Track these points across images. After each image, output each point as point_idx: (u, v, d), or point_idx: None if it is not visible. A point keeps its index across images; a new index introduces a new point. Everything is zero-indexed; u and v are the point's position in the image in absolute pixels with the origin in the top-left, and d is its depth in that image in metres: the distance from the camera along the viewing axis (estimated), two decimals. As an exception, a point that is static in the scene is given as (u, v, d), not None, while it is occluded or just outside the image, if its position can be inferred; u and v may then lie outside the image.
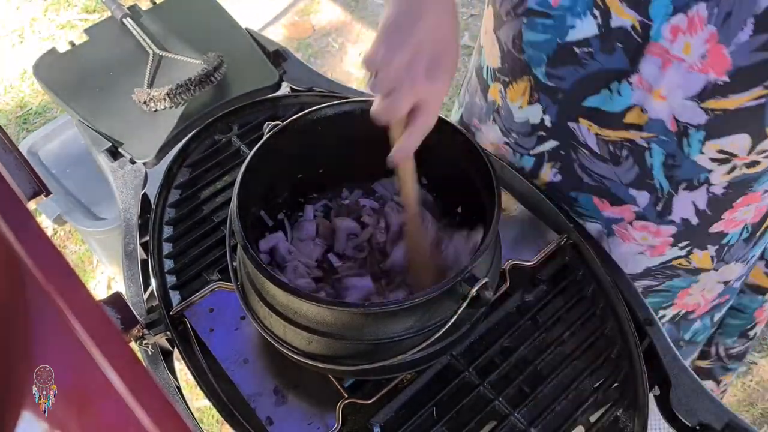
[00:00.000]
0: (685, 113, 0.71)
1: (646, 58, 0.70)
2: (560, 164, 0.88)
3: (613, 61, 0.72)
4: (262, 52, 1.09)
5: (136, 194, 0.94)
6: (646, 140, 0.77)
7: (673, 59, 0.68)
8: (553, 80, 0.79)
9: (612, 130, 0.78)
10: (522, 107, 0.86)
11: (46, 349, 0.39)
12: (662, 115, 0.73)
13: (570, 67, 0.76)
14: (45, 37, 2.41)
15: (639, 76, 0.71)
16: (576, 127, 0.82)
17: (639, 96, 0.73)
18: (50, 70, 1.08)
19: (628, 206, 0.86)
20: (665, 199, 0.83)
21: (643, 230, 0.88)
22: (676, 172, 0.79)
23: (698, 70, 0.67)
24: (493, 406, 0.74)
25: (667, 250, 0.90)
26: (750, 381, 1.61)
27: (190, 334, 0.79)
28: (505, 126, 0.91)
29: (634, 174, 0.82)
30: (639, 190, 0.84)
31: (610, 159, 0.82)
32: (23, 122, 2.17)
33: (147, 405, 0.33)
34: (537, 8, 0.74)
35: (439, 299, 0.63)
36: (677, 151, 0.76)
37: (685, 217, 0.85)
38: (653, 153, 0.78)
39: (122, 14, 1.12)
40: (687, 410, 0.73)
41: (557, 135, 0.85)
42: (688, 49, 0.66)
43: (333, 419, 0.71)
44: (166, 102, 0.99)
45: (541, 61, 0.78)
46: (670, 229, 0.87)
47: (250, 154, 0.70)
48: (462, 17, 2.40)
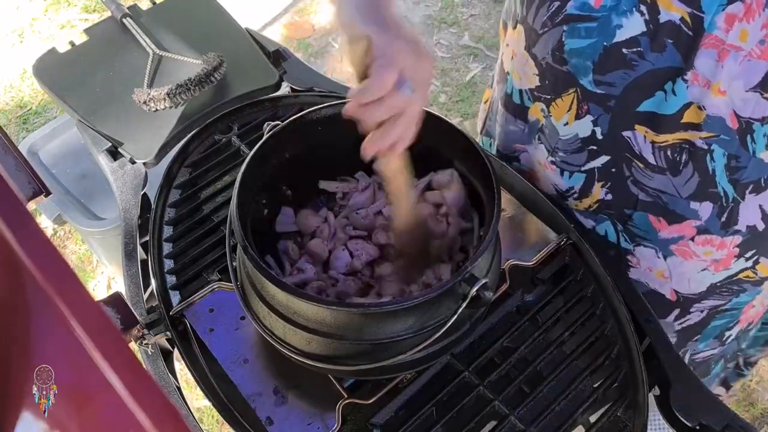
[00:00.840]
0: (746, 107, 0.68)
1: (701, 52, 0.66)
2: (611, 183, 0.84)
3: (665, 59, 0.69)
4: (262, 52, 1.09)
5: (136, 194, 0.94)
6: (706, 141, 0.73)
7: (731, 49, 0.64)
8: (602, 87, 0.75)
9: (669, 133, 0.74)
10: (569, 123, 0.81)
11: (46, 349, 0.39)
12: (722, 112, 0.69)
13: (620, 71, 0.72)
14: (45, 37, 2.41)
15: (694, 72, 0.68)
16: (631, 135, 0.77)
17: (696, 93, 0.69)
18: (50, 70, 1.08)
19: (689, 222, 0.82)
20: (731, 207, 0.78)
21: (706, 245, 0.83)
22: (741, 174, 0.75)
23: (758, 57, 0.64)
24: (493, 406, 0.74)
25: (733, 262, 0.86)
26: (750, 381, 1.61)
27: (190, 334, 0.79)
28: (550, 145, 0.87)
29: (695, 183, 0.78)
30: (701, 202, 0.79)
31: (668, 168, 0.77)
32: (23, 122, 2.17)
33: (147, 405, 0.33)
34: (578, 12, 0.71)
35: (438, 299, 0.63)
36: (740, 150, 0.72)
37: (751, 224, 0.80)
38: (715, 156, 0.74)
39: (122, 14, 1.12)
40: (687, 410, 0.73)
41: (610, 148, 0.81)
42: (745, 36, 0.63)
43: (333, 419, 0.71)
44: (166, 102, 0.99)
45: (587, 69, 0.74)
46: (735, 239, 0.82)
47: (250, 154, 0.70)
48: (462, 17, 2.40)
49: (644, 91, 0.72)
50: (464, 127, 2.03)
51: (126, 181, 0.95)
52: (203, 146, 0.99)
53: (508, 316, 0.81)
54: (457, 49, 2.32)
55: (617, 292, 0.81)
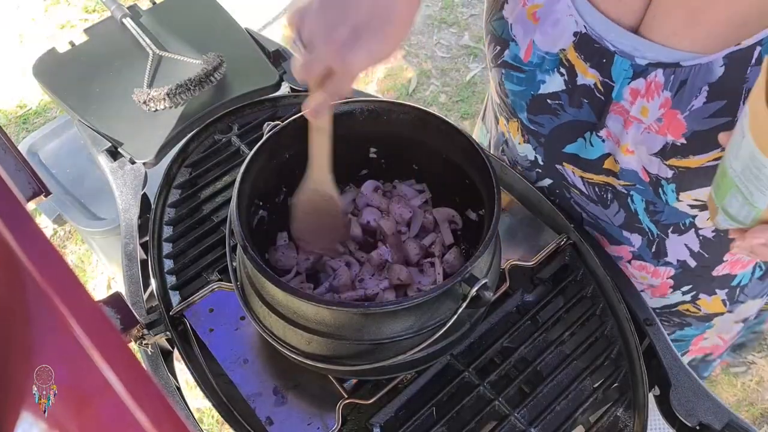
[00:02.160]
0: (652, 167, 0.72)
1: (611, 116, 0.71)
2: (559, 201, 0.89)
3: (583, 114, 0.74)
4: (262, 52, 1.09)
5: (135, 194, 0.94)
6: (625, 188, 0.78)
7: (633, 120, 0.69)
8: (534, 125, 0.81)
9: (594, 174, 0.80)
10: (520, 144, 0.88)
11: (46, 349, 0.39)
12: (633, 166, 0.74)
13: (546, 115, 0.78)
14: (45, 37, 2.41)
15: (607, 130, 0.73)
16: (562, 169, 0.83)
17: (610, 147, 0.75)
18: (50, 70, 1.08)
19: (625, 247, 0.87)
20: (657, 241, 0.83)
21: (641, 270, 0.89)
22: (660, 217, 0.79)
23: (656, 131, 0.68)
24: (493, 406, 0.74)
25: (669, 293, 0.90)
26: (750, 381, 1.61)
27: (190, 334, 0.79)
28: (510, 158, 0.93)
29: (622, 218, 0.83)
30: (631, 233, 0.84)
31: (599, 201, 0.83)
32: (23, 122, 2.17)
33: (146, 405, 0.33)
34: (511, 62, 0.77)
35: (438, 299, 0.63)
36: (655, 198, 0.76)
37: (681, 259, 0.84)
38: (634, 199, 0.79)
39: (122, 14, 1.12)
40: (687, 410, 0.73)
41: (549, 174, 0.86)
42: (645, 112, 0.68)
43: (333, 419, 0.71)
44: (165, 102, 0.99)
45: (522, 107, 0.80)
46: (668, 270, 0.87)
47: (250, 154, 0.70)
48: (462, 17, 2.40)
49: (568, 136, 0.78)
50: (464, 127, 2.03)
51: (126, 181, 0.95)
52: (203, 146, 0.99)
53: (508, 316, 0.81)
54: (457, 49, 2.32)
55: (617, 292, 0.81)
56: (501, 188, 0.68)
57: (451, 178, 0.77)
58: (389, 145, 0.80)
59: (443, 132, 0.74)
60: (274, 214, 0.80)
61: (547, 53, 0.72)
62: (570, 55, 0.70)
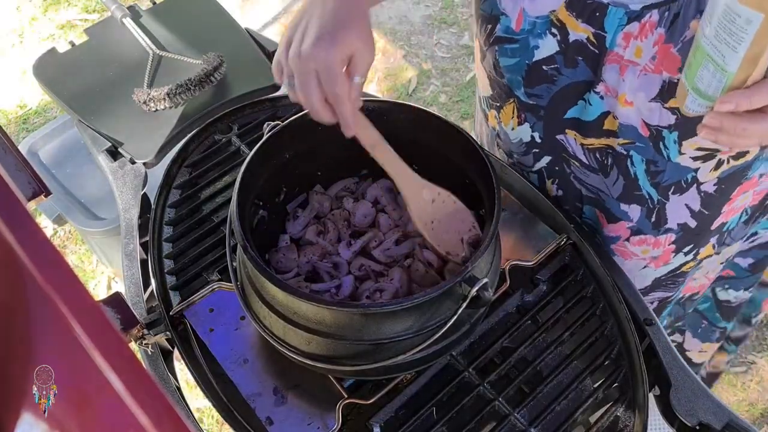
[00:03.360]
0: (653, 116, 0.73)
1: (606, 68, 0.73)
2: (558, 179, 0.90)
3: (578, 73, 0.76)
4: (262, 52, 1.09)
5: (136, 194, 0.94)
6: (624, 147, 0.79)
7: (628, 64, 0.70)
8: (533, 99, 0.82)
9: (595, 138, 0.81)
10: (514, 129, 0.89)
11: (46, 349, 0.38)
12: (632, 121, 0.75)
13: (543, 84, 0.79)
14: (45, 37, 2.41)
15: (604, 84, 0.74)
16: (564, 139, 0.84)
17: (609, 103, 0.76)
18: (50, 70, 1.08)
19: (623, 223, 0.87)
20: (657, 209, 0.84)
21: (641, 244, 0.89)
22: (662, 177, 0.80)
23: (651, 71, 0.69)
24: (493, 406, 0.74)
25: (672, 257, 0.90)
26: (750, 381, 1.61)
27: (190, 334, 0.79)
28: (505, 149, 0.94)
29: (621, 186, 0.83)
30: (629, 204, 0.85)
31: (599, 169, 0.84)
32: (23, 122, 2.17)
33: (147, 405, 0.33)
34: (504, 35, 0.79)
35: (439, 299, 0.63)
36: (656, 155, 0.77)
37: (681, 222, 0.85)
38: (634, 161, 0.80)
39: (122, 14, 1.12)
40: (687, 410, 0.73)
41: (549, 150, 0.87)
42: (639, 52, 0.69)
43: (333, 419, 0.71)
44: (165, 102, 0.99)
45: (518, 83, 0.82)
46: (669, 237, 0.87)
47: (250, 154, 0.70)
48: (462, 17, 2.40)
49: (568, 100, 0.79)
50: (464, 127, 2.03)
51: (126, 181, 0.95)
52: (203, 146, 0.99)
53: (508, 316, 0.81)
54: (457, 49, 2.31)
55: (617, 292, 0.81)
56: (501, 188, 0.68)
57: (451, 178, 0.76)
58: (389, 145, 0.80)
59: (443, 132, 0.74)
60: (274, 214, 0.80)
61: (538, 17, 0.73)
62: (561, 14, 0.72)
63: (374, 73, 2.26)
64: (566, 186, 0.91)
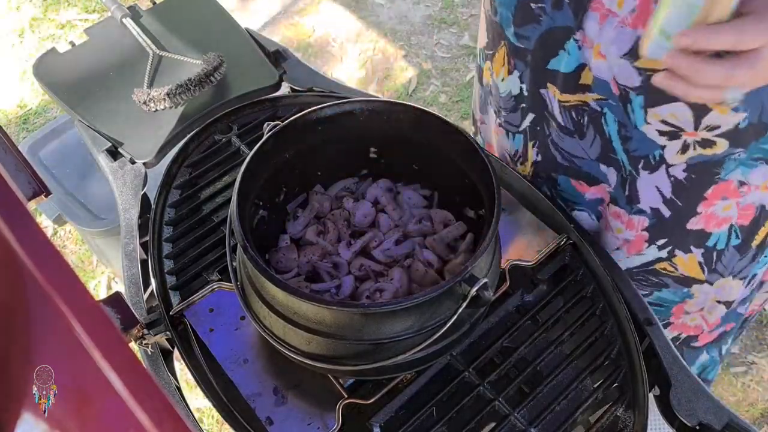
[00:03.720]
0: (622, 74, 0.73)
1: (589, 14, 0.72)
2: (538, 142, 0.89)
3: (562, 17, 0.75)
4: (262, 52, 1.09)
5: (136, 194, 0.94)
6: (599, 103, 0.78)
7: (608, 14, 0.70)
8: (521, 41, 0.81)
9: (570, 93, 0.80)
10: (504, 80, 0.88)
11: (46, 349, 0.38)
12: (605, 75, 0.75)
13: (531, 24, 0.79)
14: (45, 37, 2.41)
15: (583, 33, 0.74)
16: (545, 93, 0.83)
17: (586, 54, 0.75)
18: (50, 70, 1.08)
19: (603, 186, 0.87)
20: (630, 180, 0.83)
21: (617, 218, 0.88)
22: (630, 145, 0.79)
23: (628, 24, 0.69)
24: (493, 406, 0.74)
25: (645, 248, 0.89)
26: (750, 381, 1.61)
27: (190, 334, 0.79)
28: (496, 105, 0.93)
29: (598, 147, 0.83)
30: (608, 167, 0.84)
31: (575, 130, 0.83)
32: (23, 122, 2.17)
33: (147, 405, 0.33)
34: None
35: (438, 299, 0.63)
36: (625, 118, 0.77)
37: (654, 207, 0.84)
38: (607, 119, 0.79)
39: (122, 14, 1.12)
40: (687, 410, 0.73)
41: (533, 105, 0.86)
42: (621, 3, 0.68)
43: (333, 419, 0.71)
44: (165, 102, 0.99)
45: (509, 20, 0.81)
46: (642, 220, 0.86)
47: (250, 154, 0.70)
48: (462, 17, 2.40)
49: (550, 48, 0.79)
50: (464, 127, 2.03)
51: (126, 181, 0.95)
52: (203, 146, 0.99)
53: (508, 316, 0.81)
54: (457, 49, 2.32)
55: (617, 292, 0.81)
56: (501, 188, 0.68)
57: (451, 178, 0.77)
58: (389, 145, 0.80)
59: (443, 132, 0.74)
60: (274, 214, 0.80)
61: None
62: None
63: (374, 73, 2.26)
64: (545, 151, 0.90)
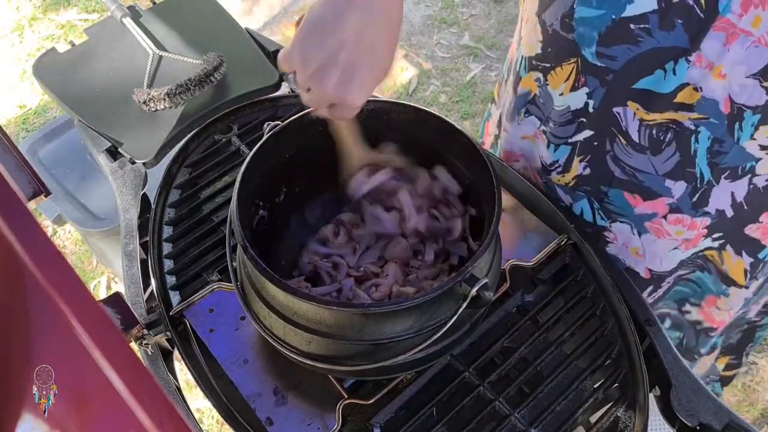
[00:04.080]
0: (743, 93, 0.69)
1: (710, 34, 0.66)
2: (590, 156, 0.85)
3: (672, 38, 0.69)
4: (262, 52, 1.09)
5: (135, 194, 0.94)
6: (695, 122, 0.74)
7: (740, 33, 0.65)
8: (603, 60, 0.75)
9: (659, 112, 0.75)
10: (564, 94, 0.83)
11: (46, 349, 0.38)
12: (717, 95, 0.70)
13: (624, 45, 0.72)
14: (45, 37, 2.41)
15: (699, 54, 0.68)
16: (621, 111, 0.78)
17: (696, 75, 0.70)
18: (50, 70, 1.08)
19: (662, 199, 0.83)
20: (704, 189, 0.80)
21: (677, 224, 0.85)
22: (721, 159, 0.76)
23: (765, 44, 0.64)
24: (493, 406, 0.74)
25: (701, 241, 0.88)
26: (750, 381, 1.61)
27: (190, 334, 0.79)
28: (544, 114, 0.89)
29: (674, 162, 0.79)
30: (676, 181, 0.81)
31: (650, 147, 0.79)
32: (23, 122, 2.17)
33: (147, 405, 0.33)
34: None
35: (439, 299, 0.62)
36: (726, 135, 0.73)
37: (720, 209, 0.82)
38: (700, 137, 0.75)
39: (122, 14, 1.12)
40: (687, 410, 0.73)
41: (597, 123, 0.82)
42: (758, 22, 0.63)
43: (333, 419, 0.71)
44: (165, 102, 0.99)
45: (591, 40, 0.75)
46: (704, 221, 0.84)
47: (250, 154, 0.70)
48: (462, 17, 2.40)
49: (644, 68, 0.73)
50: (464, 126, 2.03)
51: (126, 181, 0.95)
52: (203, 146, 0.99)
53: (508, 316, 0.81)
54: (457, 49, 2.31)
55: (617, 292, 0.81)
56: (501, 188, 0.68)
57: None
58: (389, 145, 0.80)
59: (443, 132, 0.74)
60: (274, 214, 0.80)
61: None
62: None
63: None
64: (597, 165, 0.85)
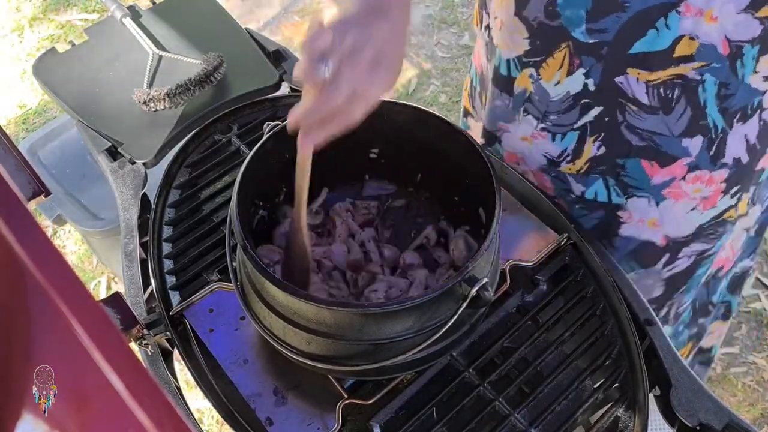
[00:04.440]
0: (737, 30, 0.71)
1: None
2: (604, 134, 0.86)
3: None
4: (262, 52, 1.09)
5: (135, 194, 0.94)
6: (698, 71, 0.76)
7: None
8: (594, 36, 0.77)
9: (662, 70, 0.77)
10: (560, 82, 0.84)
11: (46, 349, 0.38)
12: (713, 39, 0.72)
13: (612, 15, 0.74)
14: (45, 37, 2.40)
15: (687, 4, 0.70)
16: (623, 80, 0.80)
17: (688, 24, 0.72)
18: (50, 70, 1.08)
19: (680, 161, 0.84)
20: (719, 139, 0.81)
21: (695, 182, 0.86)
22: (731, 101, 0.78)
23: None
24: (494, 406, 0.74)
25: (719, 199, 0.89)
26: (750, 381, 1.61)
27: (190, 334, 0.79)
28: (540, 111, 0.89)
29: (686, 119, 0.80)
30: (692, 137, 0.82)
31: (661, 107, 0.80)
32: (23, 122, 2.17)
33: (147, 405, 0.33)
34: None
35: (439, 299, 0.63)
36: (730, 76, 0.75)
37: (736, 157, 0.83)
38: (706, 86, 0.77)
39: (122, 14, 1.12)
40: (687, 410, 0.73)
41: (602, 98, 0.82)
42: None
43: (333, 420, 0.71)
44: (165, 102, 0.99)
45: (580, 19, 0.77)
46: (722, 174, 0.85)
47: (250, 154, 0.70)
48: (462, 17, 2.40)
49: (637, 32, 0.75)
50: (464, 127, 2.03)
51: (126, 181, 0.95)
52: (203, 146, 0.99)
53: (508, 316, 0.81)
54: (457, 49, 2.31)
55: (617, 292, 0.81)
56: (501, 188, 0.68)
57: (451, 178, 0.77)
58: (389, 145, 0.80)
59: (443, 132, 0.74)
60: (274, 214, 0.80)
61: None
62: None
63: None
64: (612, 140, 0.85)
